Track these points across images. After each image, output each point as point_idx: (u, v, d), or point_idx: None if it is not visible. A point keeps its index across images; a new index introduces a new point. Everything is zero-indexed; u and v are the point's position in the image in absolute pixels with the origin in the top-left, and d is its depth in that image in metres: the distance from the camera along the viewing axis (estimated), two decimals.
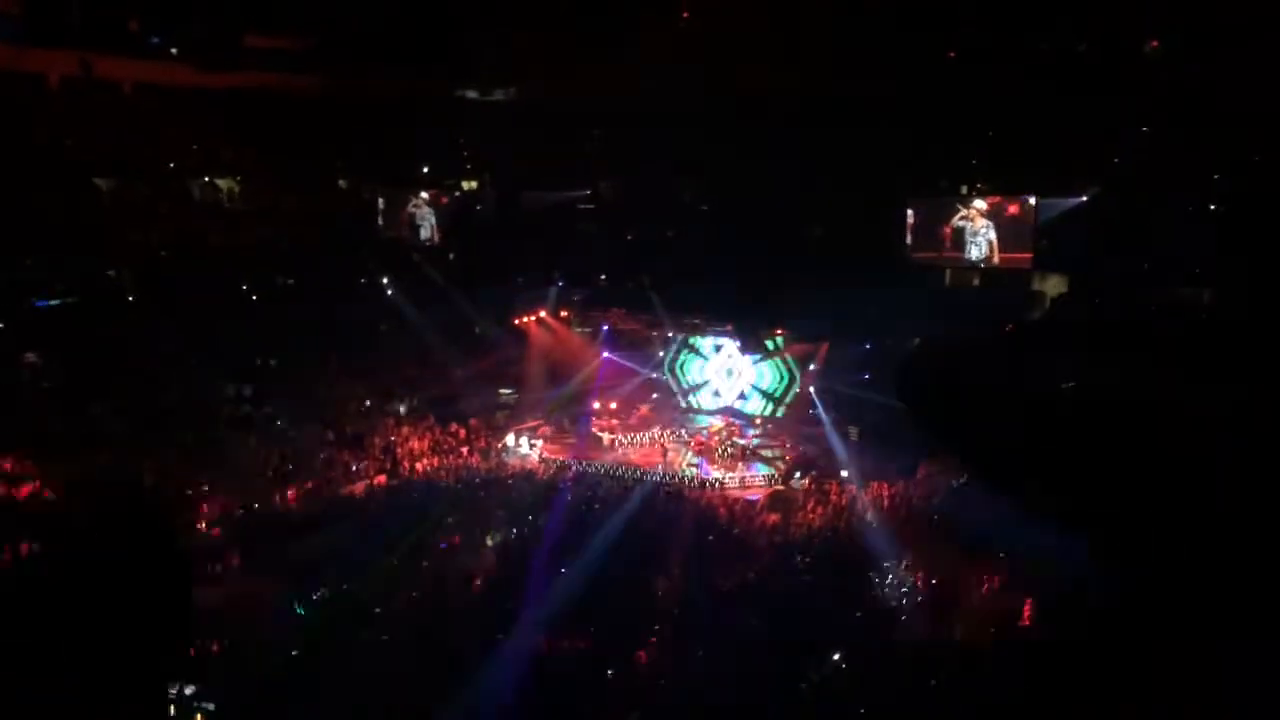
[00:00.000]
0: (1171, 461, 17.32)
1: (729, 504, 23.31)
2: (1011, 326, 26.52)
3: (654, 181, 33.41)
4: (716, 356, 30.53)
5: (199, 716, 14.53)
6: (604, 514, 21.75)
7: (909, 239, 28.26)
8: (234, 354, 29.14)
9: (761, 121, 28.26)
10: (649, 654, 15.62)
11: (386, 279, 33.84)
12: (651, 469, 26.48)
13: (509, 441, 27.88)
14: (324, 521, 20.99)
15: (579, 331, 32.93)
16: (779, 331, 28.93)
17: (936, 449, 23.37)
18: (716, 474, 26.03)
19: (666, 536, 20.26)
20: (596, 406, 30.48)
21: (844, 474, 24.73)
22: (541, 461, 27.23)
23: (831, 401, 27.83)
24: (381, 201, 35.48)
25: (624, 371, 31.90)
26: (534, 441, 28.08)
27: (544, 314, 32.54)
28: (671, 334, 31.28)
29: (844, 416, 27.14)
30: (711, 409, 30.50)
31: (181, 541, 18.83)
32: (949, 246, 27.62)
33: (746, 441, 28.14)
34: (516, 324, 32.36)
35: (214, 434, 25.58)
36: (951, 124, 26.34)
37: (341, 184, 36.09)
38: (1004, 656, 15.02)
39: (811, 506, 22.62)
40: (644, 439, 28.98)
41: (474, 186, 35.50)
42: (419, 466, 25.64)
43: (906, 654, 15.13)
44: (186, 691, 14.44)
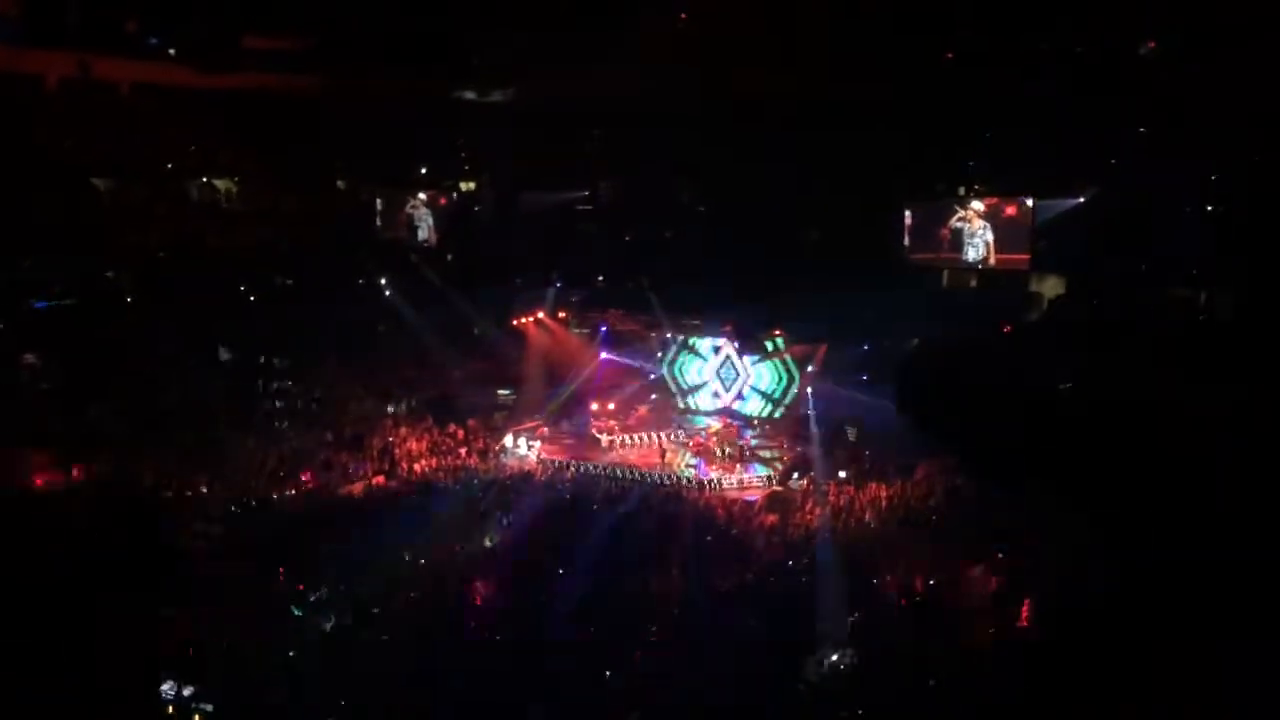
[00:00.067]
0: (1170, 461, 17.38)
1: (727, 505, 23.28)
2: (1009, 327, 26.59)
3: (652, 182, 33.46)
4: (715, 357, 30.51)
5: (198, 717, 14.54)
6: (603, 515, 21.76)
7: (907, 240, 28.31)
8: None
9: (761, 123, 28.31)
10: (649, 654, 15.61)
11: (385, 280, 33.85)
12: (650, 470, 26.47)
13: (507, 442, 27.85)
14: (323, 522, 20.96)
15: (577, 332, 32.91)
16: (778, 332, 28.91)
17: (935, 449, 23.40)
18: (715, 475, 26.01)
19: (665, 537, 20.27)
20: (595, 408, 30.47)
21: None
22: (540, 462, 27.22)
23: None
24: (380, 202, 35.52)
25: (623, 372, 31.86)
26: (532, 442, 28.05)
27: (542, 315, 32.52)
28: (670, 335, 31.25)
29: (842, 417, 27.13)
30: (710, 410, 30.49)
31: (181, 542, 18.81)
32: (947, 248, 27.69)
33: (745, 442, 28.12)
34: (515, 325, 32.35)
35: (214, 434, 25.55)
36: (949, 126, 26.39)
37: (340, 185, 36.10)
38: (1004, 656, 15.02)
39: (810, 507, 22.61)
40: (643, 440, 28.97)
41: (472, 187, 35.52)
42: (417, 467, 25.60)
43: (906, 654, 15.11)
44: (185, 692, 14.46)
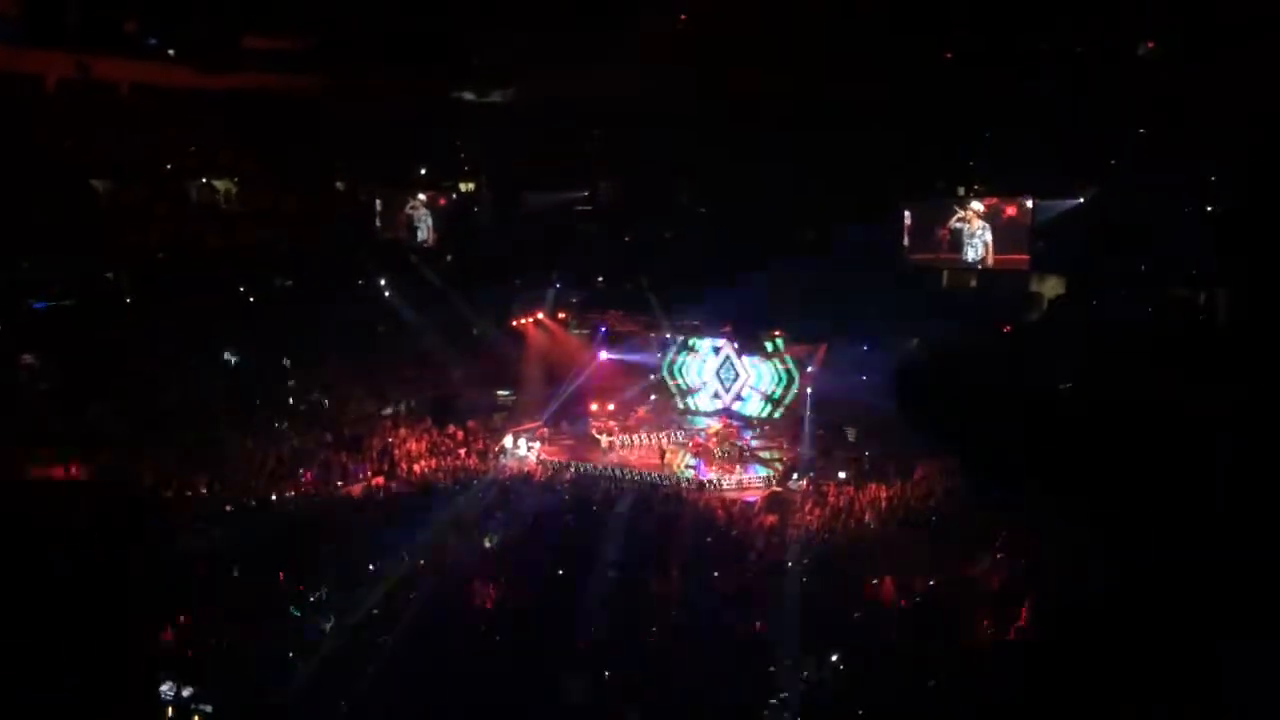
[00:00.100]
0: (1170, 461, 17.40)
1: (727, 505, 23.28)
2: (1009, 327, 26.61)
3: (652, 183, 33.44)
4: (715, 358, 30.48)
5: (197, 717, 14.52)
6: (602, 515, 21.74)
7: (906, 240, 28.30)
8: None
9: (760, 124, 28.31)
10: (648, 653, 15.60)
11: (384, 280, 33.83)
12: (649, 471, 26.46)
13: (507, 443, 27.84)
14: (323, 522, 20.93)
15: (576, 333, 32.89)
16: (777, 333, 28.89)
17: (935, 449, 23.40)
18: (714, 476, 26.01)
19: (665, 538, 20.25)
20: (595, 408, 30.45)
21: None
22: (539, 463, 27.22)
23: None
24: (379, 203, 35.49)
25: (623, 373, 31.83)
26: (532, 443, 28.04)
27: (542, 315, 32.51)
28: (669, 335, 31.23)
29: (841, 417, 27.12)
30: (710, 410, 30.46)
31: (181, 542, 18.79)
32: (946, 248, 27.68)
33: (744, 443, 28.11)
34: (514, 325, 32.34)
35: (214, 434, 25.54)
36: (948, 126, 26.39)
37: (339, 185, 36.09)
38: (1004, 656, 15.01)
39: (809, 508, 22.60)
40: (642, 441, 28.95)
41: (471, 188, 35.50)
42: (416, 468, 25.59)
43: (906, 654, 15.10)
44: (185, 692, 14.44)
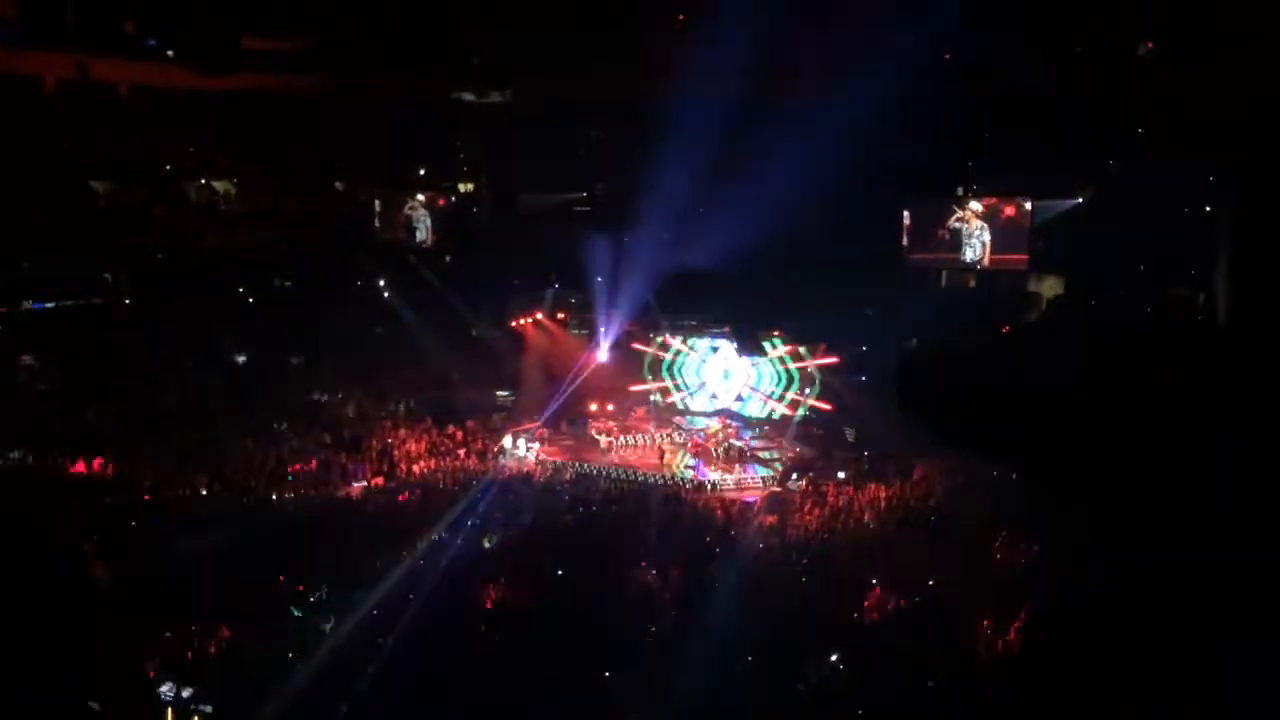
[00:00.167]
0: (1170, 461, 17.36)
1: (726, 506, 23.29)
2: (1009, 327, 26.59)
3: (651, 182, 33.35)
4: (714, 358, 30.48)
5: (197, 718, 14.52)
6: (602, 515, 21.73)
7: (905, 240, 28.32)
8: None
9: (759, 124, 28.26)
10: (649, 654, 15.59)
11: (383, 281, 33.83)
12: (649, 471, 26.47)
13: (506, 444, 27.84)
14: (322, 523, 20.92)
15: (575, 334, 32.89)
16: (776, 333, 28.89)
17: (935, 449, 23.38)
18: (713, 476, 26.01)
19: (665, 538, 20.25)
20: (594, 408, 30.44)
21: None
22: (538, 464, 27.21)
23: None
24: (378, 203, 35.48)
25: (622, 373, 31.81)
26: (531, 444, 28.04)
27: (540, 316, 32.50)
28: (668, 335, 31.23)
29: (840, 417, 27.13)
30: (709, 411, 30.46)
31: (180, 543, 18.77)
32: (945, 248, 27.70)
33: (744, 443, 28.11)
34: (513, 326, 32.32)
35: (213, 434, 25.52)
36: (948, 126, 26.38)
37: (338, 186, 36.07)
38: (1004, 656, 15.01)
39: (809, 508, 22.60)
40: (641, 441, 28.95)
41: (470, 189, 35.50)
42: (416, 469, 25.59)
43: (905, 654, 15.10)
44: (185, 692, 14.44)
